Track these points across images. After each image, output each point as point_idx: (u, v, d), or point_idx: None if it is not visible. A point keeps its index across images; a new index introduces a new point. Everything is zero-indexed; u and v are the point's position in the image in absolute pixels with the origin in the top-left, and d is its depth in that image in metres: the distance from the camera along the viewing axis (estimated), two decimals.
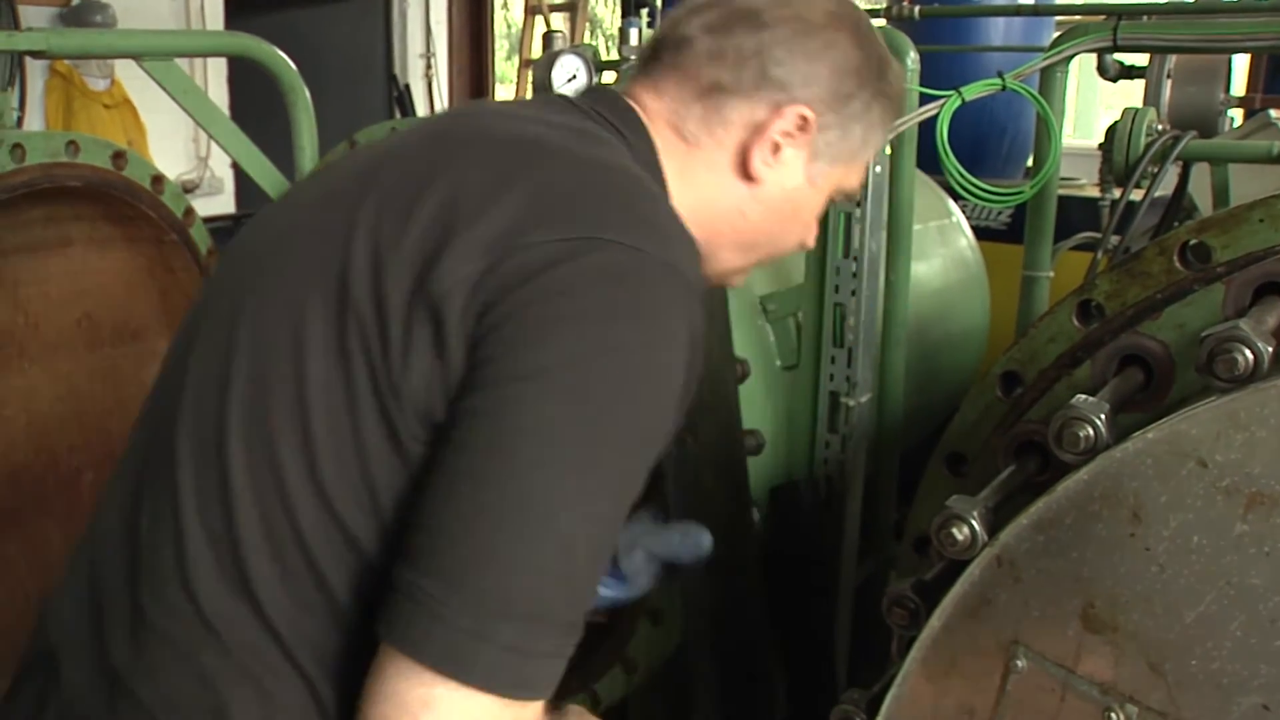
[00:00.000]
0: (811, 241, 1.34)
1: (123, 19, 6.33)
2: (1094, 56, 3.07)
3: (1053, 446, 1.17)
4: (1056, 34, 4.35)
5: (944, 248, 3.19)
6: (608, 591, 1.39)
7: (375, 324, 0.96)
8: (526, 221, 0.96)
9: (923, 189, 2.50)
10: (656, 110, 1.18)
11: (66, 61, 5.87)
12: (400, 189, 1.03)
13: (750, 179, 1.18)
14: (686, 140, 1.17)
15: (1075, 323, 1.54)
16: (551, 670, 0.93)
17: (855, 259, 2.12)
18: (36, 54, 2.40)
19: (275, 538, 0.99)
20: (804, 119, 1.16)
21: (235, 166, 6.85)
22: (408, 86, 7.60)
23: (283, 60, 2.82)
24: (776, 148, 1.17)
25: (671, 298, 0.98)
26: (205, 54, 5.77)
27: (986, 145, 4.46)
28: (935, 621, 1.24)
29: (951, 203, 3.33)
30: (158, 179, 2.50)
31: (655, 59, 1.20)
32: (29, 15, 6.19)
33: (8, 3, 6.10)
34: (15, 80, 5.82)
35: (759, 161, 1.17)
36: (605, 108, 1.16)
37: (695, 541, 1.45)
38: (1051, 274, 2.64)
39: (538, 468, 0.90)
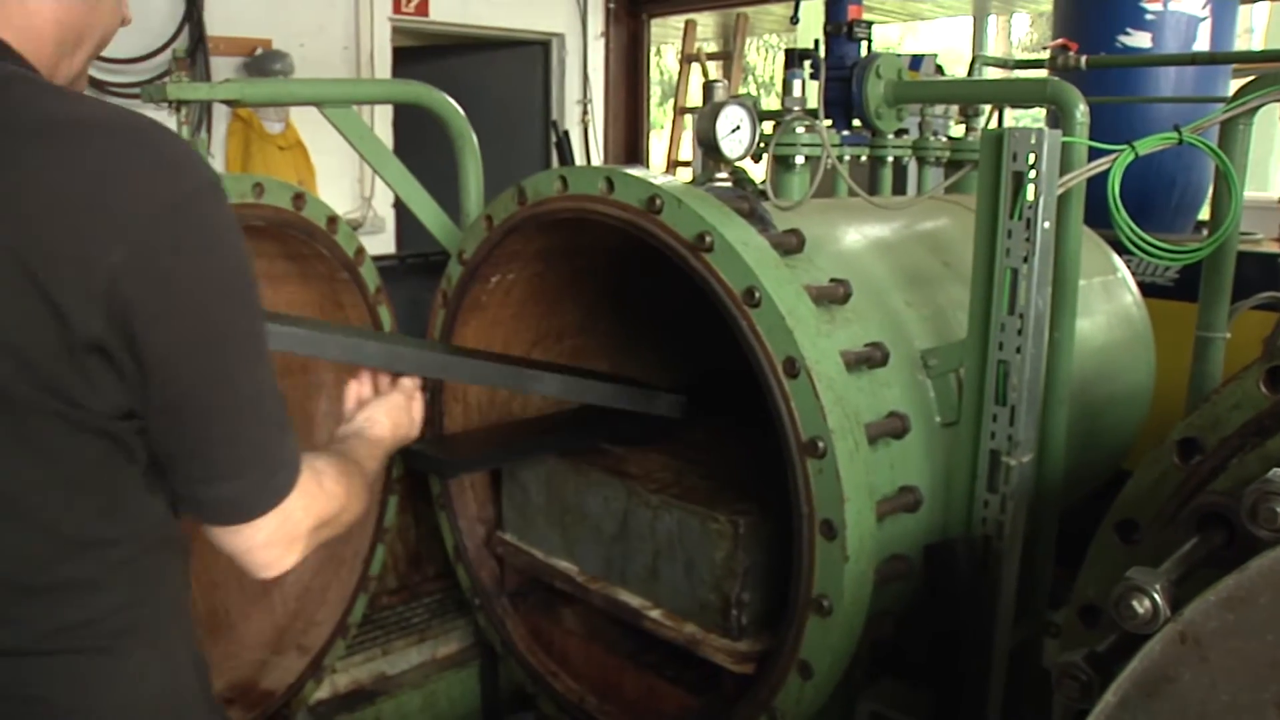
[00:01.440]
0: (128, 12, 1.32)
1: (300, 67, 6.71)
2: (1275, 105, 2.94)
3: (1245, 521, 1.12)
4: (1234, 82, 4.20)
5: (1108, 304, 3.09)
6: None
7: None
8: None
9: (1086, 243, 2.44)
10: None
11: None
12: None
13: None
14: None
15: (1263, 389, 1.47)
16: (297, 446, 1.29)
17: (1021, 316, 2.07)
18: (232, 103, 2.57)
19: None
20: None
21: (397, 206, 7.18)
22: (566, 133, 7.78)
23: (452, 107, 2.94)
24: None
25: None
26: (381, 101, 6.05)
27: (1154, 198, 4.31)
28: (1111, 697, 1.19)
29: (1116, 257, 3.23)
30: (332, 219, 2.61)
31: None
32: (217, 65, 6.62)
33: (203, 55, 6.54)
34: (203, 124, 6.21)
35: None
36: None
37: None
38: (1228, 335, 2.53)
39: (227, 388, 1.18)
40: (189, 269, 1.09)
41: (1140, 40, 4.36)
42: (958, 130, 3.50)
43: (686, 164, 8.38)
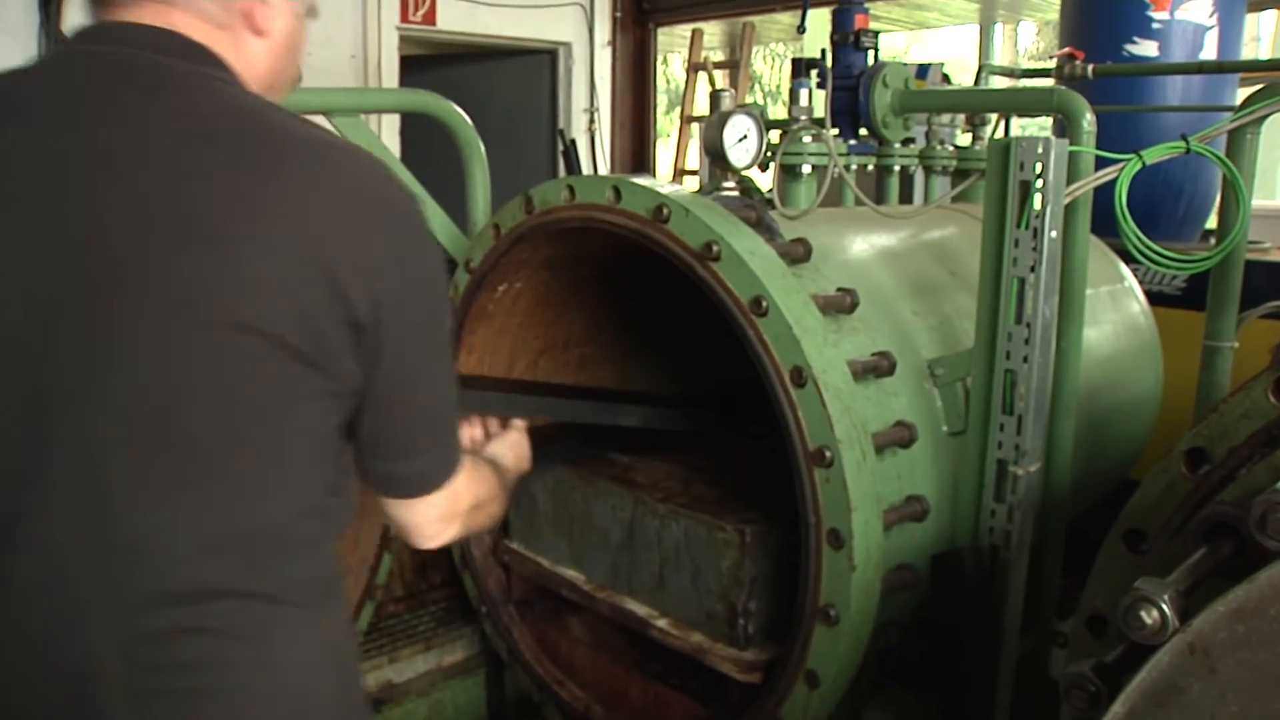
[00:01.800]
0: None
1: (308, 76, 6.71)
2: None
3: (1254, 532, 1.12)
4: (1241, 90, 4.19)
5: (1115, 313, 3.09)
6: None
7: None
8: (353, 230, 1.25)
9: (1093, 252, 2.44)
10: (189, 23, 1.28)
11: None
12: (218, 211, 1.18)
13: (261, 34, 1.34)
14: (222, 28, 1.31)
15: (1272, 399, 1.47)
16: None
17: (1028, 325, 2.07)
18: None
19: None
20: None
21: None
22: (573, 141, 7.78)
23: (460, 116, 2.95)
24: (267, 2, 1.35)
25: None
26: (388, 110, 6.06)
27: (1161, 207, 4.31)
28: (1119, 708, 1.19)
29: (1123, 266, 3.23)
30: None
31: None
32: None
33: None
34: None
35: (261, 18, 1.34)
36: (190, 60, 1.26)
37: None
38: (1236, 344, 2.53)
39: (432, 370, 1.37)
40: (417, 266, 1.30)
41: (1147, 49, 4.37)
42: (964, 139, 3.50)
43: (693, 173, 8.38)
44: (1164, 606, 1.17)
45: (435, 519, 1.44)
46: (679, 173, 8.54)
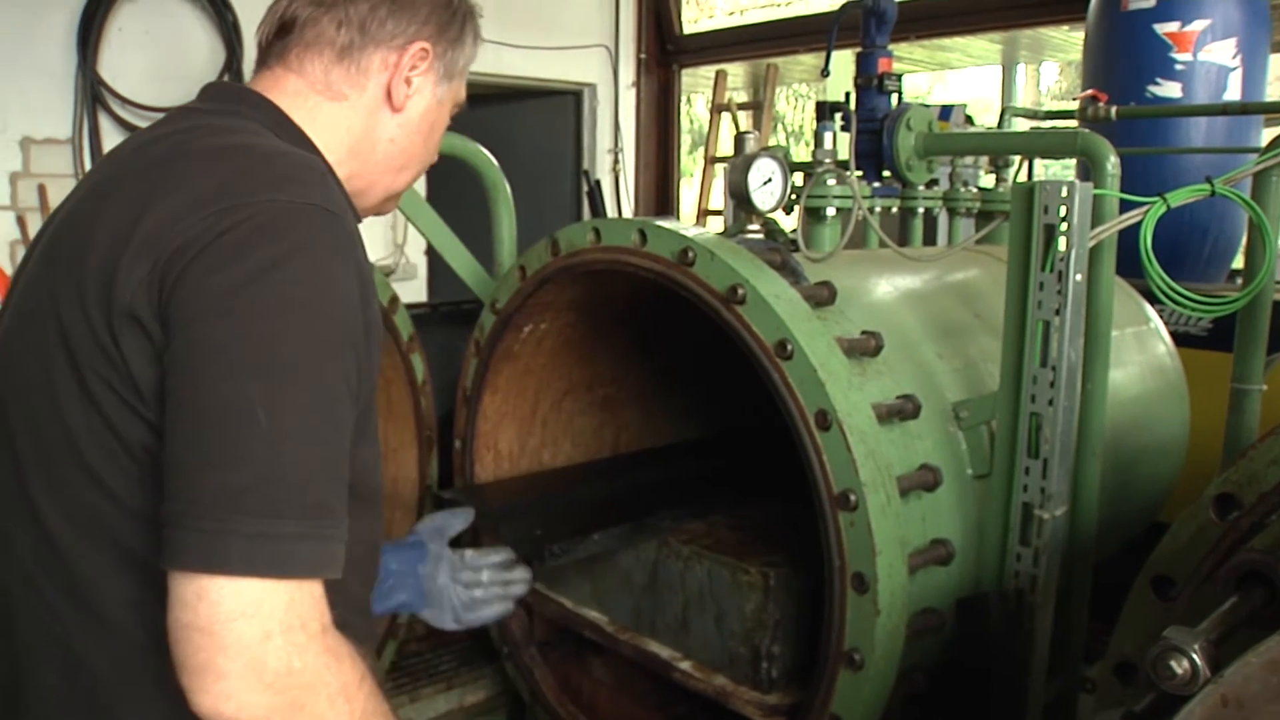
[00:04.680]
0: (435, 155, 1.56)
1: None
2: None
3: None
4: (1266, 131, 4.18)
5: (1141, 355, 3.07)
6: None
7: (95, 344, 1.14)
8: (174, 213, 1.14)
9: (1119, 293, 2.43)
10: (300, 87, 1.38)
11: None
12: (72, 233, 1.24)
13: (396, 109, 1.42)
14: (338, 97, 1.39)
15: None
16: (310, 551, 1.07)
17: (1053, 368, 2.07)
18: None
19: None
20: (425, 51, 1.42)
21: (429, 253, 7.23)
22: (598, 182, 7.84)
23: (486, 158, 2.98)
24: (409, 80, 1.42)
25: (312, 225, 1.16)
26: None
27: (1187, 247, 4.29)
28: None
29: (1149, 307, 3.21)
30: None
31: (283, 45, 1.40)
32: None
33: None
34: None
35: (400, 94, 1.41)
36: (231, 102, 1.37)
37: None
38: (1264, 387, 2.51)
39: (220, 384, 1.06)
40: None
41: (1170, 90, 4.37)
42: (988, 181, 3.50)
43: (717, 213, 8.42)
44: (1194, 656, 1.16)
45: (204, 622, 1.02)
46: (703, 213, 8.57)
